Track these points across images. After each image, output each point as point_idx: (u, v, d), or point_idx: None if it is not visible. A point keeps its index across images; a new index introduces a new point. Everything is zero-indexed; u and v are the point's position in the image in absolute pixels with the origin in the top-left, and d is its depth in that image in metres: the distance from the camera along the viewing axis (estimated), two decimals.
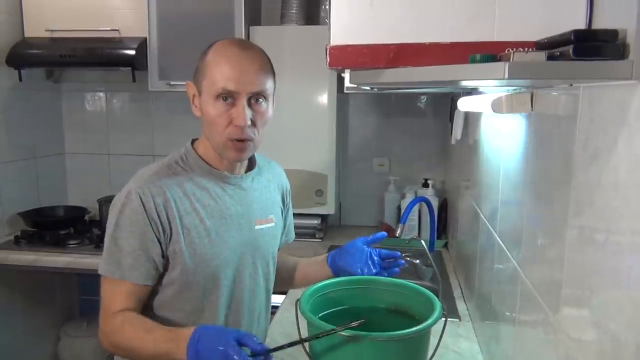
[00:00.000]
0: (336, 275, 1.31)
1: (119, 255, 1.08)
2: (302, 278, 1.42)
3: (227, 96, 1.07)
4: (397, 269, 1.29)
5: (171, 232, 1.10)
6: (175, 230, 1.10)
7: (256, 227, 1.23)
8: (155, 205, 1.08)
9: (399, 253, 1.31)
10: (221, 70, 1.07)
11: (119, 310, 1.08)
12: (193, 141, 1.22)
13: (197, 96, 1.14)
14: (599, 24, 0.71)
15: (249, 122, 1.08)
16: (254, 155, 1.29)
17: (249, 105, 1.09)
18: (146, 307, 1.15)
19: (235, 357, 0.92)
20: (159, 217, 1.09)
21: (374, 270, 1.27)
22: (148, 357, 1.04)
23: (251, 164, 1.28)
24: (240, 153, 1.13)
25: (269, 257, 1.28)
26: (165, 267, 1.13)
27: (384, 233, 1.34)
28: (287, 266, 1.43)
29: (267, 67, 1.13)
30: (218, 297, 1.17)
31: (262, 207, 1.25)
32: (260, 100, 1.10)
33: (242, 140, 1.10)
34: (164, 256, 1.12)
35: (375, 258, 1.29)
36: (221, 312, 1.18)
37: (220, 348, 0.93)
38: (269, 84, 1.12)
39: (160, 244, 1.10)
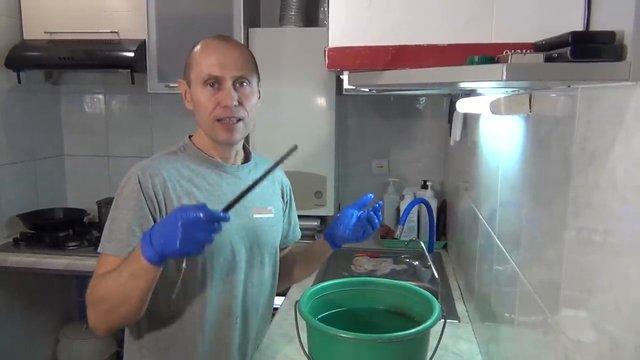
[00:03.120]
0: (334, 245, 1.38)
1: (116, 233, 1.09)
2: (304, 264, 1.46)
3: (214, 82, 1.15)
4: (376, 220, 1.34)
5: (167, 212, 1.12)
6: (171, 211, 1.11)
7: (255, 216, 1.25)
8: (153, 185, 1.12)
9: (379, 203, 1.39)
10: (206, 59, 1.16)
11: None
12: (190, 137, 1.27)
13: (188, 91, 1.21)
14: (597, 25, 0.71)
15: (235, 102, 1.15)
16: (249, 150, 1.33)
17: (234, 88, 1.16)
18: None
19: (194, 212, 0.92)
20: (155, 196, 1.12)
21: (362, 230, 1.34)
22: (118, 293, 1.01)
23: (247, 158, 1.31)
24: (230, 133, 1.17)
25: (269, 246, 1.30)
26: None
27: (371, 195, 1.39)
28: (290, 259, 1.45)
29: (249, 57, 1.21)
30: (213, 279, 1.18)
31: (259, 197, 1.28)
32: (245, 84, 1.18)
33: (230, 120, 1.16)
34: None
35: (364, 220, 1.34)
36: (216, 294, 1.19)
37: (176, 220, 0.93)
38: (251, 72, 1.20)
39: (155, 222, 1.11)
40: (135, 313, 1.05)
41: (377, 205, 1.36)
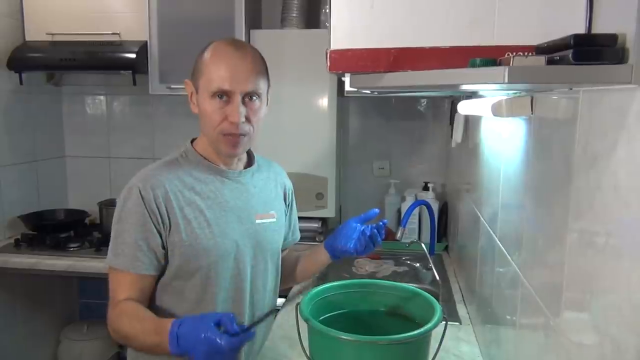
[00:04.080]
0: (333, 256, 1.36)
1: (122, 247, 1.12)
2: (302, 269, 1.45)
3: (223, 94, 1.13)
4: (379, 239, 1.33)
5: (170, 224, 1.14)
6: (174, 222, 1.14)
7: (257, 221, 1.25)
8: (155, 197, 1.12)
9: (384, 222, 1.36)
10: (217, 70, 1.13)
11: (122, 300, 1.12)
12: (192, 141, 1.26)
13: (194, 93, 1.19)
14: (599, 28, 0.71)
15: (242, 119, 1.14)
16: (253, 153, 1.33)
17: (243, 102, 1.14)
18: (152, 298, 1.18)
19: (217, 340, 0.95)
20: (158, 209, 1.12)
21: (364, 246, 1.31)
22: (141, 346, 1.09)
23: (250, 161, 1.31)
24: (234, 148, 1.17)
25: (272, 251, 1.30)
26: (166, 259, 1.16)
27: (376, 210, 1.37)
28: (290, 261, 1.45)
29: (261, 67, 1.19)
30: (220, 287, 1.19)
31: (262, 202, 1.28)
32: (254, 98, 1.16)
33: (236, 136, 1.15)
34: (164, 247, 1.15)
35: (367, 234, 1.32)
36: (223, 302, 1.20)
37: (202, 335, 0.96)
38: (262, 83, 1.18)
39: (160, 235, 1.13)
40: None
41: (381, 223, 1.34)
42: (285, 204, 1.39)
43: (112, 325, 1.11)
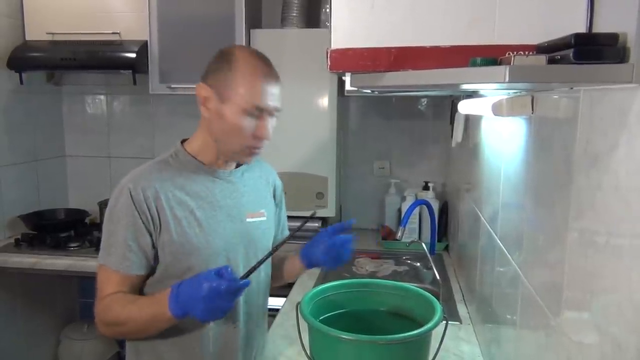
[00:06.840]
0: (309, 266, 1.35)
1: (114, 247, 1.13)
2: (286, 271, 1.43)
3: (256, 111, 1.14)
4: (347, 252, 1.28)
5: (160, 223, 1.14)
6: (164, 221, 1.14)
7: (248, 220, 1.26)
8: (145, 198, 1.13)
9: (349, 222, 1.32)
10: (253, 87, 1.13)
11: (110, 293, 1.13)
12: (183, 141, 1.26)
13: (212, 99, 1.15)
14: (600, 27, 0.71)
15: (270, 137, 1.18)
16: None
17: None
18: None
19: (216, 283, 1.00)
20: (148, 209, 1.13)
21: (334, 258, 1.27)
22: (136, 326, 1.10)
23: None
24: (251, 158, 1.22)
25: (263, 249, 1.29)
26: (156, 259, 1.16)
27: (352, 220, 1.33)
28: (279, 260, 1.44)
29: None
30: None
31: (252, 201, 1.28)
32: (277, 113, 1.19)
33: (258, 148, 1.19)
34: (154, 247, 1.15)
35: (337, 245, 1.27)
36: None
37: (202, 283, 1.01)
38: None
39: (150, 235, 1.14)
40: (149, 337, 1.16)
41: (349, 236, 1.28)
42: (275, 202, 1.39)
43: (100, 317, 1.12)
